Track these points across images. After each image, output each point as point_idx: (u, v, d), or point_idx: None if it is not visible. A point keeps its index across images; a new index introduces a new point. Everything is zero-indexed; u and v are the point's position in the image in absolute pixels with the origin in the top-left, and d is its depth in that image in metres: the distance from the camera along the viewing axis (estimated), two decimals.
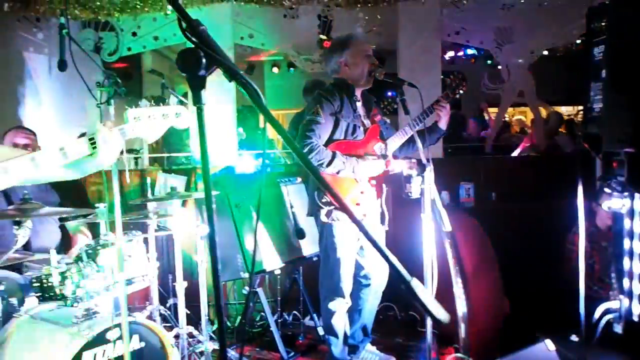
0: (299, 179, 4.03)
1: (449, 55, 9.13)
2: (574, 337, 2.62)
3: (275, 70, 10.23)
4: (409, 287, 0.89)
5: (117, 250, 2.40)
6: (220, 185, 4.13)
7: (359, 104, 3.15)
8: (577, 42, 6.53)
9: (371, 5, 5.55)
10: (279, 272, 3.79)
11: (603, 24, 2.45)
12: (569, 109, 10.89)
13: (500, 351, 2.43)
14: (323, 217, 3.01)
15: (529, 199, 4.81)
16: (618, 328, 2.58)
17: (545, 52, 6.69)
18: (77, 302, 2.58)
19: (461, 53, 9.28)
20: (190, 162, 5.93)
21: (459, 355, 3.03)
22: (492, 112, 8.08)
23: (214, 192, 3.24)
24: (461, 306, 2.87)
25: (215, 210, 1.05)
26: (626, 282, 2.51)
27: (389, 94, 7.63)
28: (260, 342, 3.90)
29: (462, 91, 3.06)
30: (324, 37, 6.12)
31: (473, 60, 9.33)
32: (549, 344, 2.27)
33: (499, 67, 6.78)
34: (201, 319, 3.30)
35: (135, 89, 8.48)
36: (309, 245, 3.75)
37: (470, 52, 9.19)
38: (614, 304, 2.66)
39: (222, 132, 5.45)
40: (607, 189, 2.52)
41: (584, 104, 2.63)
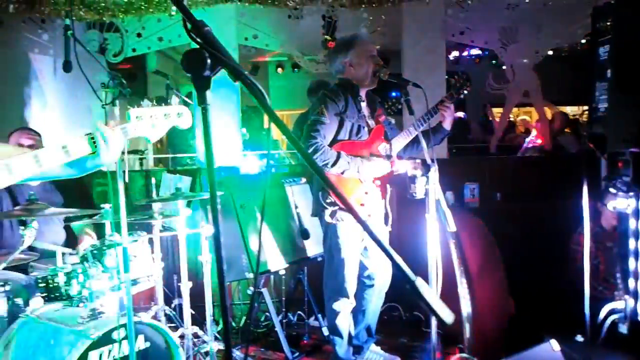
0: (304, 179, 4.03)
1: (454, 55, 9.12)
2: (579, 338, 2.62)
3: (280, 70, 10.25)
4: (414, 287, 0.89)
5: (122, 250, 2.41)
6: (224, 185, 4.14)
7: (364, 105, 3.15)
8: (582, 41, 6.50)
9: (375, 6, 5.55)
10: (283, 272, 3.79)
11: (608, 23, 2.44)
12: (574, 109, 10.86)
13: (505, 351, 2.42)
14: (327, 218, 3.01)
15: (534, 199, 4.79)
16: (623, 328, 2.57)
17: (550, 52, 6.67)
18: (83, 302, 2.60)
19: (466, 53, 9.27)
20: (195, 163, 5.94)
21: (463, 355, 3.02)
22: (497, 112, 8.06)
23: (219, 193, 3.25)
24: (466, 306, 2.86)
25: (220, 210, 1.06)
26: (631, 283, 2.50)
27: (393, 94, 7.63)
28: (265, 343, 3.91)
29: (467, 91, 3.06)
30: (328, 37, 6.12)
31: (477, 60, 9.32)
32: (554, 344, 2.26)
33: (504, 67, 6.76)
34: (206, 319, 3.31)
35: (140, 89, 8.51)
36: (314, 246, 3.75)
37: (474, 52, 9.18)
38: (619, 304, 2.65)
39: (227, 133, 5.46)
40: (612, 189, 2.51)
41: (589, 104, 2.63)
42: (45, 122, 5.70)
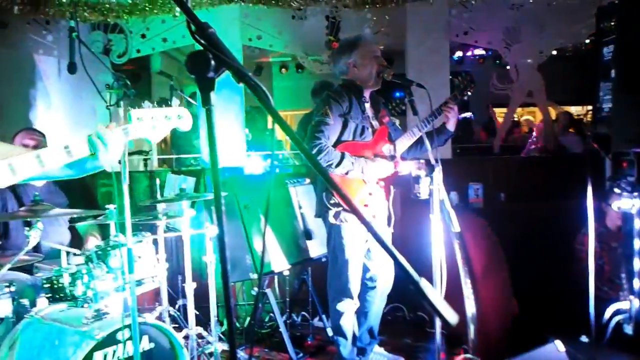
0: (307, 179, 4.04)
1: (458, 56, 9.10)
2: (584, 338, 2.61)
3: (284, 71, 10.25)
4: (418, 288, 0.89)
5: (127, 251, 2.42)
6: (228, 186, 4.14)
7: (368, 105, 3.15)
8: (586, 41, 6.48)
9: (379, 6, 5.55)
10: (287, 273, 3.79)
11: (612, 23, 2.44)
12: (578, 108, 10.83)
13: (510, 352, 2.42)
14: (331, 219, 3.01)
15: (538, 199, 4.78)
16: (628, 329, 2.56)
17: (554, 52, 6.66)
18: (87, 303, 2.60)
19: (469, 53, 9.25)
20: (198, 163, 5.95)
21: (468, 356, 3.02)
22: (501, 112, 8.04)
23: (223, 193, 3.26)
24: (470, 307, 2.86)
25: (224, 211, 1.06)
26: (636, 283, 2.50)
27: (397, 95, 7.63)
28: (269, 343, 3.90)
29: (470, 92, 3.06)
30: (332, 38, 6.12)
31: (481, 61, 9.30)
32: (559, 345, 2.26)
33: (508, 67, 6.75)
34: (210, 319, 3.32)
35: (144, 90, 8.53)
36: (317, 247, 3.75)
37: (478, 52, 9.16)
38: (624, 304, 2.64)
39: (231, 133, 5.47)
40: (616, 189, 2.51)
41: (594, 104, 2.62)
42: (50, 123, 5.72)
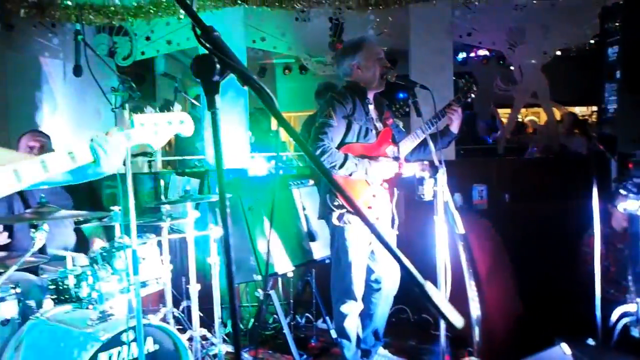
0: (311, 181, 4.03)
1: (461, 57, 9.08)
2: (590, 341, 2.59)
3: (287, 72, 10.26)
4: (423, 291, 0.89)
5: (131, 253, 2.42)
6: (232, 188, 4.14)
7: (371, 107, 3.15)
8: (590, 42, 6.46)
9: (382, 8, 5.55)
10: (291, 274, 3.79)
11: (617, 24, 2.43)
12: (582, 109, 10.80)
13: (515, 355, 2.41)
14: (335, 220, 3.01)
15: (543, 200, 4.76)
16: (635, 332, 2.55)
17: (558, 53, 6.64)
18: (92, 304, 2.61)
19: (473, 54, 9.23)
20: (202, 165, 5.96)
21: (473, 358, 3.01)
22: (505, 113, 8.03)
23: (227, 195, 3.26)
24: (475, 309, 2.85)
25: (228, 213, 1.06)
26: None
27: (400, 96, 7.62)
28: (272, 345, 3.91)
29: (474, 95, 3.06)
30: (335, 39, 6.12)
31: (485, 61, 9.27)
32: (565, 348, 2.25)
33: (512, 68, 6.74)
34: (214, 321, 3.32)
35: (148, 92, 8.54)
36: (321, 249, 3.74)
37: (482, 53, 9.14)
38: (631, 307, 2.63)
39: (235, 135, 5.48)
40: (622, 191, 2.49)
41: (599, 104, 2.61)
42: (55, 125, 5.75)
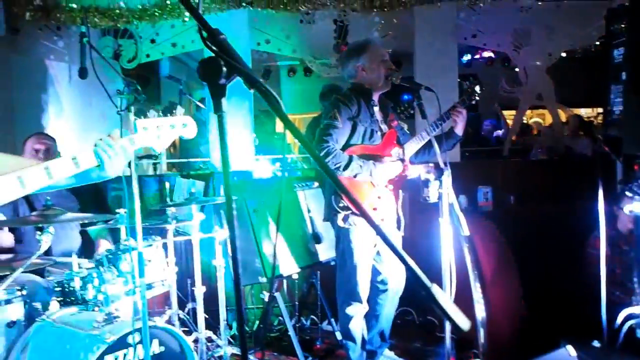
0: (316, 183, 4.04)
1: (466, 58, 9.07)
2: (596, 343, 2.58)
3: (292, 75, 10.26)
4: (429, 293, 0.89)
5: (137, 255, 2.43)
6: (237, 190, 4.15)
7: (376, 109, 3.15)
8: (596, 43, 6.44)
9: (387, 10, 5.55)
10: (296, 276, 3.79)
11: (623, 25, 2.42)
12: (588, 111, 10.76)
13: (520, 357, 2.41)
14: (340, 222, 3.01)
15: (548, 202, 4.75)
16: None
17: (563, 54, 6.62)
18: (98, 306, 2.62)
19: (478, 56, 9.22)
20: (207, 167, 5.97)
21: None
22: (510, 115, 8.01)
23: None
24: (480, 311, 2.84)
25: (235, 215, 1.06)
26: None
27: (405, 98, 7.61)
28: (278, 347, 3.91)
29: (478, 97, 3.06)
30: (340, 41, 6.12)
31: (490, 63, 9.25)
32: (570, 350, 2.24)
33: (517, 70, 6.72)
34: (220, 323, 3.32)
35: (153, 95, 8.57)
36: (326, 250, 3.74)
37: (487, 54, 9.12)
38: (637, 309, 2.62)
39: (240, 137, 5.49)
40: (628, 193, 2.49)
41: (604, 106, 2.61)
42: (61, 128, 5.77)
